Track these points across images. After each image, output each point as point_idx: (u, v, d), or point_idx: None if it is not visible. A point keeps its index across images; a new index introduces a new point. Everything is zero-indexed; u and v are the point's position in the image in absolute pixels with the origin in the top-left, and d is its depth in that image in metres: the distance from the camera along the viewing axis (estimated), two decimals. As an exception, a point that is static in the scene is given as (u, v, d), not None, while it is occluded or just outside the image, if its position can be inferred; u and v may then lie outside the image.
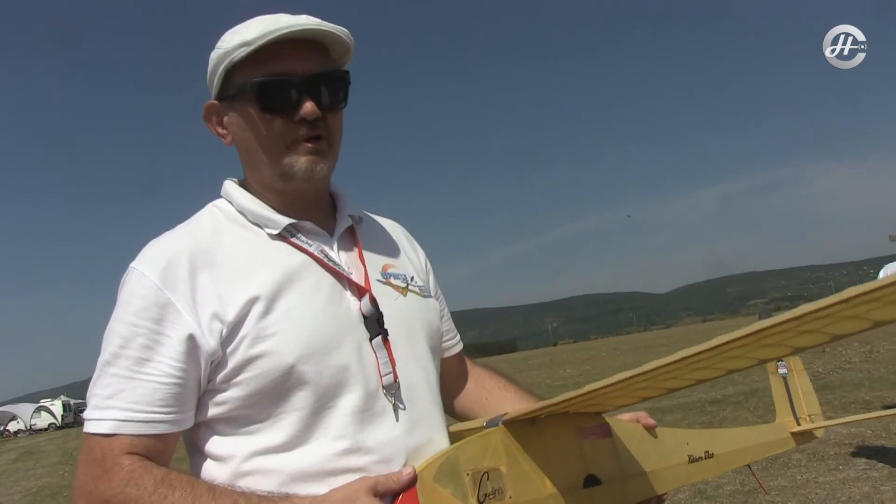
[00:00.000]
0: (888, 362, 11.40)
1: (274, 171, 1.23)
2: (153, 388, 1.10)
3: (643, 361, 1.13)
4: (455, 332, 1.56)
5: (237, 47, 1.18)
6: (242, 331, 1.13)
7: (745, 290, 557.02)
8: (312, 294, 1.19)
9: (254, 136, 1.23)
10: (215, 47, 1.24)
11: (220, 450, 1.16)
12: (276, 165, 1.22)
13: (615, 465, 1.32)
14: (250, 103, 1.20)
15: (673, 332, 68.81)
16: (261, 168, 1.25)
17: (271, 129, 1.21)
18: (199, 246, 1.19)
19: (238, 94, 1.21)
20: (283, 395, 1.14)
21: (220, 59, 1.21)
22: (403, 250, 1.45)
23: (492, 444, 1.17)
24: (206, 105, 1.27)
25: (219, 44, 1.23)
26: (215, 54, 1.23)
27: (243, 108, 1.22)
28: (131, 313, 1.12)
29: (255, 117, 1.21)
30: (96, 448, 1.09)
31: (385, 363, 1.21)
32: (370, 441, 1.16)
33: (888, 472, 6.01)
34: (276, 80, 1.18)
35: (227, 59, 1.19)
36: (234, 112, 1.24)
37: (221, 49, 1.21)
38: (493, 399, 1.54)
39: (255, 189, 1.28)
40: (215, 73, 1.23)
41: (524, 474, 1.17)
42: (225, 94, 1.24)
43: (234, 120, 1.25)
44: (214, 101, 1.27)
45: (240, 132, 1.25)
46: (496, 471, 1.14)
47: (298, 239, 1.24)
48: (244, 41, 1.17)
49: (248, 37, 1.17)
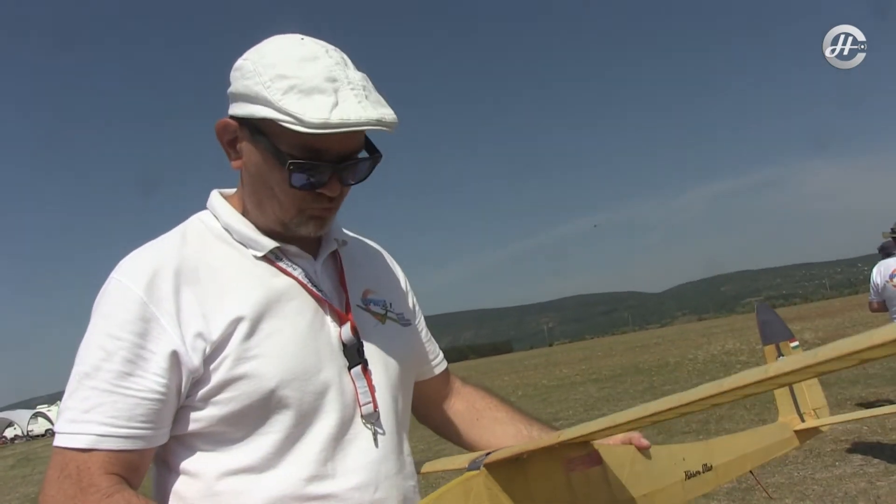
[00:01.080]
0: (884, 359, 11.41)
1: (276, 220, 1.21)
2: (134, 402, 1.08)
3: (639, 361, 1.15)
4: (438, 353, 1.54)
5: (289, 115, 1.07)
6: (226, 351, 1.12)
7: (740, 288, 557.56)
8: (296, 318, 1.19)
9: (269, 191, 1.18)
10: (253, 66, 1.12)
11: (190, 466, 1.14)
12: (282, 219, 1.20)
13: (606, 495, 1.29)
14: (277, 166, 1.13)
15: (668, 332, 68.83)
16: (265, 211, 1.21)
17: (290, 194, 1.16)
18: (184, 262, 1.17)
19: (268, 148, 1.13)
20: (261, 418, 1.14)
21: (260, 100, 1.10)
22: (384, 275, 1.44)
23: (474, 490, 1.15)
24: (224, 123, 1.19)
25: (260, 68, 1.11)
26: (254, 84, 1.11)
27: (268, 161, 1.14)
28: (115, 326, 1.10)
29: (277, 179, 1.15)
30: (71, 464, 1.06)
31: (364, 392, 1.21)
32: (342, 468, 1.17)
33: (884, 467, 6.05)
34: (315, 164, 1.12)
35: (268, 108, 1.09)
36: (256, 153, 1.16)
37: (265, 91, 1.09)
38: (485, 420, 1.52)
39: (247, 212, 1.25)
40: (245, 102, 1.14)
41: None
42: (249, 127, 1.15)
43: (252, 159, 1.18)
44: (233, 121, 1.18)
45: (255, 171, 1.18)
46: None
47: (283, 262, 1.23)
48: (299, 117, 1.06)
49: (305, 115, 1.05)
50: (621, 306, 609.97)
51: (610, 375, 20.52)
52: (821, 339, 18.74)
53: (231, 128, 1.19)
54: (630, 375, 19.20)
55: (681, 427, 9.37)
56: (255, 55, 1.16)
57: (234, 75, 1.17)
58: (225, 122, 1.19)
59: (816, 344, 2.55)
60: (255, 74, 1.12)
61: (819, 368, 0.87)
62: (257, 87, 1.11)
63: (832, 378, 11.96)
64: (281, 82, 1.09)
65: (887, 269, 6.33)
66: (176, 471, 1.15)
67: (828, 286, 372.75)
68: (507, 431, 1.49)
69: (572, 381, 20.94)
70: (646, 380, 17.45)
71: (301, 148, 1.11)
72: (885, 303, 6.37)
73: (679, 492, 1.47)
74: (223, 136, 1.20)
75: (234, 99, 1.17)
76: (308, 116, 1.06)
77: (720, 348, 21.43)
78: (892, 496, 5.27)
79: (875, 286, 6.47)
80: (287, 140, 1.11)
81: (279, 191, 1.17)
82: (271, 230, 1.23)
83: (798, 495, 5.61)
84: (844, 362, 0.85)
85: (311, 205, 1.18)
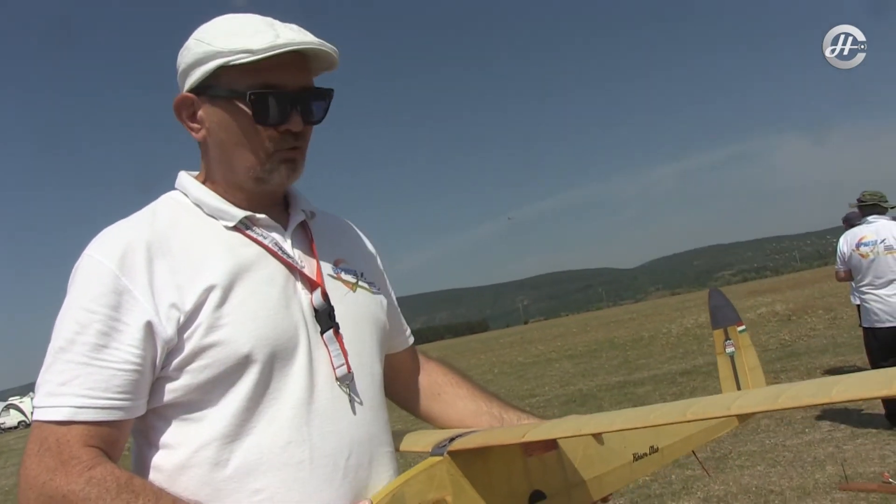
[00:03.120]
0: (851, 328, 11.70)
1: (250, 175, 1.25)
2: (110, 374, 1.09)
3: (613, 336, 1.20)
4: (406, 327, 1.57)
5: (238, 52, 1.16)
6: (199, 319, 1.14)
7: (712, 262, 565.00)
8: (267, 285, 1.21)
9: (236, 140, 1.22)
10: (197, 38, 1.22)
11: (168, 439, 1.15)
12: (255, 170, 1.24)
13: (560, 478, 1.35)
14: (239, 109, 1.20)
15: (643, 307, 69.64)
16: (236, 168, 1.25)
17: (257, 138, 1.22)
18: (155, 235, 1.18)
19: (227, 96, 1.20)
20: (235, 385, 1.15)
21: (209, 56, 1.19)
22: (355, 246, 1.47)
23: (437, 476, 1.20)
24: (180, 98, 1.24)
25: (203, 37, 1.21)
26: (201, 49, 1.20)
27: (230, 110, 1.21)
28: (89, 300, 1.11)
29: (242, 123, 1.21)
30: (50, 437, 1.06)
31: (337, 355, 1.23)
32: (318, 432, 1.18)
33: (850, 431, 6.22)
34: (274, 94, 1.19)
35: (218, 58, 1.18)
36: (217, 110, 1.22)
37: (212, 47, 1.19)
38: (447, 396, 1.55)
39: (215, 184, 1.28)
40: (198, 67, 1.21)
41: (470, 500, 1.20)
42: (206, 91, 1.22)
43: (214, 118, 1.23)
44: (189, 94, 1.24)
45: (220, 132, 1.23)
46: (442, 501, 1.17)
47: (253, 231, 1.25)
48: (247, 48, 1.15)
49: (252, 45, 1.15)
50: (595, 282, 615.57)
51: (585, 351, 20.75)
52: (791, 311, 19.10)
53: (188, 101, 1.24)
54: (605, 350, 19.44)
55: (655, 400, 9.52)
56: (195, 35, 1.24)
57: (181, 56, 1.25)
58: (181, 96, 1.24)
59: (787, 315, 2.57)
60: (200, 43, 1.21)
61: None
62: (202, 48, 1.20)
63: (801, 348, 12.25)
64: (224, 34, 1.19)
65: (854, 237, 6.45)
66: (154, 444, 1.16)
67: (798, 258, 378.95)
68: (468, 407, 1.53)
69: (548, 358, 21.14)
70: (620, 354, 17.69)
71: (258, 86, 1.19)
72: (852, 272, 6.49)
73: (626, 473, 1.55)
74: (182, 111, 1.25)
75: (184, 77, 1.24)
76: (256, 45, 1.15)
77: (693, 322, 21.71)
78: (858, 458, 5.43)
79: (842, 255, 6.59)
80: (243, 81, 1.19)
81: (247, 139, 1.22)
82: (243, 200, 1.27)
83: (770, 462, 5.75)
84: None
85: (278, 146, 1.23)
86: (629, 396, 9.75)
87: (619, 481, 1.50)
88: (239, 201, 1.26)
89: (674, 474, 5.76)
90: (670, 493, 5.36)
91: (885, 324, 6.14)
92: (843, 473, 5.00)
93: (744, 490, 5.14)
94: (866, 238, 6.33)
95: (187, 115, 1.25)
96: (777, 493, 4.96)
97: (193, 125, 1.26)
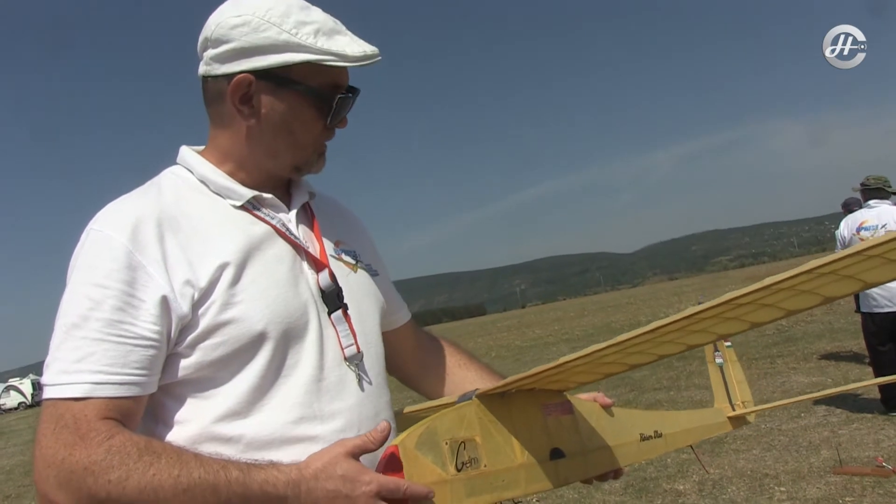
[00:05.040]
0: (848, 313, 11.72)
1: (292, 163, 1.29)
2: (127, 349, 1.08)
3: (611, 320, 1.21)
4: (403, 303, 1.58)
5: (331, 54, 1.20)
6: (213, 296, 1.14)
7: (710, 247, 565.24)
8: (276, 264, 1.22)
9: (294, 132, 1.25)
10: (268, 20, 1.19)
11: (179, 416, 1.15)
12: (299, 160, 1.28)
13: (577, 441, 1.38)
14: (307, 103, 1.24)
15: (640, 291, 69.82)
16: (280, 156, 1.27)
17: (312, 132, 1.27)
18: (164, 211, 1.18)
19: (302, 91, 1.23)
20: (248, 362, 1.16)
21: (291, 47, 1.19)
22: (351, 227, 1.48)
23: (467, 417, 1.22)
24: (240, 79, 1.20)
25: (274, 18, 1.18)
26: (280, 36, 1.18)
27: (297, 103, 1.23)
28: (102, 275, 1.09)
29: (305, 117, 1.25)
30: (66, 414, 1.04)
31: (346, 335, 1.25)
32: (328, 410, 1.20)
33: (846, 416, 6.27)
34: (346, 98, 1.26)
35: (304, 52, 1.19)
36: (281, 101, 1.23)
37: (294, 38, 1.18)
38: (455, 377, 1.57)
39: (224, 163, 1.27)
40: (271, 54, 1.19)
41: (497, 445, 1.23)
42: (273, 79, 1.21)
43: (277, 108, 1.23)
44: (250, 75, 1.20)
45: (277, 120, 1.24)
46: (471, 441, 1.19)
47: (260, 211, 1.26)
48: (342, 54, 1.20)
49: (347, 51, 1.20)
50: (593, 267, 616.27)
51: (582, 335, 20.81)
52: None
53: (245, 82, 1.21)
54: (602, 335, 19.42)
55: (652, 384, 9.58)
56: (247, 9, 1.19)
57: (239, 31, 1.19)
58: (241, 77, 1.20)
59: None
60: (272, 25, 1.18)
61: (725, 310, 1.04)
62: (283, 36, 1.18)
63: (798, 333, 12.27)
64: (306, 27, 1.20)
65: (854, 222, 6.45)
66: (164, 422, 1.16)
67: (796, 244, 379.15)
68: (476, 385, 1.52)
69: (545, 342, 21.20)
70: (618, 339, 17.68)
71: (330, 86, 1.25)
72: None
73: (635, 450, 1.58)
74: (236, 93, 1.21)
75: (242, 54, 1.19)
76: (349, 52, 1.20)
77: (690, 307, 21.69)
78: (853, 443, 5.48)
79: (842, 239, 6.60)
80: (316, 78, 1.22)
81: (305, 133, 1.26)
82: (250, 180, 1.27)
83: (765, 446, 5.79)
84: (746, 307, 1.04)
85: (324, 141, 1.30)
86: (626, 380, 9.79)
87: (628, 456, 1.53)
88: (246, 181, 1.27)
89: (669, 458, 5.79)
90: (666, 476, 5.40)
91: (884, 309, 6.16)
92: (837, 458, 5.04)
93: (739, 474, 5.18)
94: (867, 222, 6.34)
95: (240, 97, 1.22)
96: (772, 476, 5.00)
97: (243, 108, 1.23)
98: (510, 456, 1.24)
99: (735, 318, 1.10)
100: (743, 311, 1.07)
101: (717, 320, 1.09)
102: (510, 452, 1.24)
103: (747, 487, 4.88)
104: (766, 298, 1.02)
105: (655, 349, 1.23)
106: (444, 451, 1.15)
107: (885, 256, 0.90)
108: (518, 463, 1.24)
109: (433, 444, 1.15)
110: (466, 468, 1.16)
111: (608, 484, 5.48)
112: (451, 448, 1.16)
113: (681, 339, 1.18)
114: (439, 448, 1.15)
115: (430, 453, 1.14)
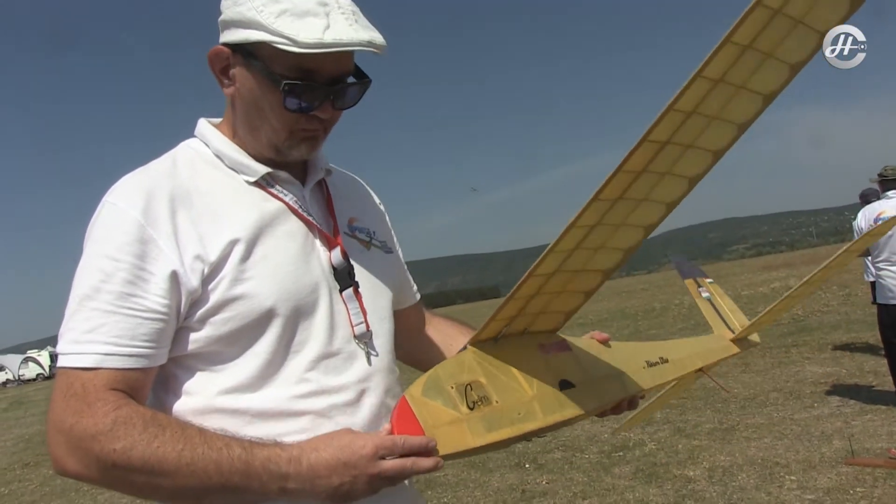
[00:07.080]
0: (865, 304, 11.62)
1: (270, 143, 1.24)
2: (137, 322, 1.10)
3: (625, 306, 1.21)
4: (413, 283, 1.59)
5: (282, 36, 1.11)
6: (223, 272, 1.15)
7: (726, 235, 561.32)
8: (288, 241, 1.23)
9: (262, 111, 1.21)
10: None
11: (187, 386, 1.18)
12: (275, 142, 1.24)
13: (582, 371, 1.39)
14: (272, 86, 1.17)
15: (655, 277, 69.43)
16: (258, 133, 1.24)
17: (283, 117, 1.20)
18: (177, 186, 1.19)
19: (261, 71, 1.17)
20: (257, 337, 1.17)
21: (253, 24, 1.14)
22: (367, 205, 1.48)
23: (466, 362, 1.23)
24: (216, 50, 1.20)
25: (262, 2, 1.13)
26: (248, 11, 1.14)
27: (262, 83, 1.18)
28: (114, 248, 1.11)
29: (271, 100, 1.18)
30: (76, 382, 1.07)
31: (357, 313, 1.26)
32: (335, 383, 1.21)
33: (860, 407, 6.24)
34: (307, 85, 1.16)
35: (262, 31, 1.13)
36: (250, 78, 1.19)
37: (259, 16, 1.12)
38: (457, 345, 1.56)
39: (239, 137, 1.27)
40: (239, 28, 1.16)
41: (503, 383, 1.24)
42: (242, 54, 1.18)
43: (246, 84, 1.20)
44: (226, 48, 1.20)
45: (248, 96, 1.21)
46: (477, 382, 1.20)
47: (274, 188, 1.26)
48: (292, 38, 1.10)
49: (298, 35, 1.10)
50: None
51: (596, 320, 20.74)
52: (804, 285, 18.90)
53: (224, 54, 1.21)
54: (616, 320, 19.43)
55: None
56: None
57: (226, 3, 1.19)
58: (217, 49, 1.21)
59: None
60: (249, 2, 1.15)
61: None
62: (250, 13, 1.14)
63: (814, 323, 12.19)
64: (274, 6, 1.13)
65: (872, 212, 6.37)
66: (173, 391, 1.18)
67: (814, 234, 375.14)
68: None
69: (559, 326, 21.12)
70: (631, 324, 17.70)
71: (295, 69, 1.15)
72: (868, 247, 6.44)
73: (645, 376, 1.58)
74: (216, 63, 1.22)
75: (225, 26, 1.20)
76: (301, 37, 1.10)
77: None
78: (865, 434, 5.45)
79: (859, 230, 6.52)
80: (281, 62, 1.15)
81: (273, 114, 1.20)
82: (262, 156, 1.26)
83: (777, 435, 5.78)
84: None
85: (304, 126, 1.22)
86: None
87: (638, 383, 1.53)
88: (259, 158, 1.26)
89: (680, 444, 5.81)
90: (676, 462, 5.41)
91: (900, 300, 6.09)
92: (849, 448, 5.03)
93: (749, 462, 5.17)
94: (885, 213, 6.25)
95: (220, 68, 1.22)
96: (783, 465, 5.00)
97: (224, 79, 1.24)
98: (520, 391, 1.25)
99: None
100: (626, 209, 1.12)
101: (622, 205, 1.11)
102: (518, 388, 1.25)
103: (757, 475, 4.88)
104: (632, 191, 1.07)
105: (594, 261, 1.27)
106: (452, 394, 1.16)
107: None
108: (530, 396, 1.25)
109: (440, 389, 1.16)
110: (479, 406, 1.17)
111: (618, 468, 5.51)
112: (458, 391, 1.17)
113: (610, 242, 1.21)
114: (446, 392, 1.16)
115: (438, 397, 1.15)
